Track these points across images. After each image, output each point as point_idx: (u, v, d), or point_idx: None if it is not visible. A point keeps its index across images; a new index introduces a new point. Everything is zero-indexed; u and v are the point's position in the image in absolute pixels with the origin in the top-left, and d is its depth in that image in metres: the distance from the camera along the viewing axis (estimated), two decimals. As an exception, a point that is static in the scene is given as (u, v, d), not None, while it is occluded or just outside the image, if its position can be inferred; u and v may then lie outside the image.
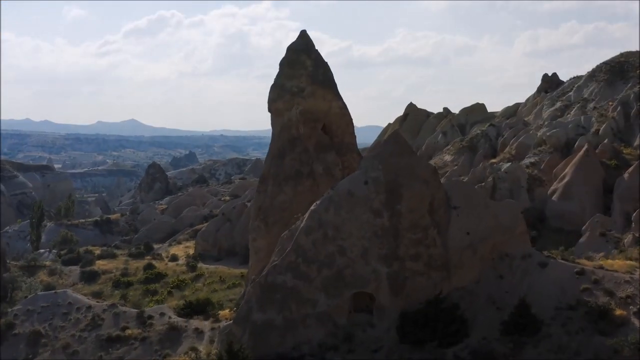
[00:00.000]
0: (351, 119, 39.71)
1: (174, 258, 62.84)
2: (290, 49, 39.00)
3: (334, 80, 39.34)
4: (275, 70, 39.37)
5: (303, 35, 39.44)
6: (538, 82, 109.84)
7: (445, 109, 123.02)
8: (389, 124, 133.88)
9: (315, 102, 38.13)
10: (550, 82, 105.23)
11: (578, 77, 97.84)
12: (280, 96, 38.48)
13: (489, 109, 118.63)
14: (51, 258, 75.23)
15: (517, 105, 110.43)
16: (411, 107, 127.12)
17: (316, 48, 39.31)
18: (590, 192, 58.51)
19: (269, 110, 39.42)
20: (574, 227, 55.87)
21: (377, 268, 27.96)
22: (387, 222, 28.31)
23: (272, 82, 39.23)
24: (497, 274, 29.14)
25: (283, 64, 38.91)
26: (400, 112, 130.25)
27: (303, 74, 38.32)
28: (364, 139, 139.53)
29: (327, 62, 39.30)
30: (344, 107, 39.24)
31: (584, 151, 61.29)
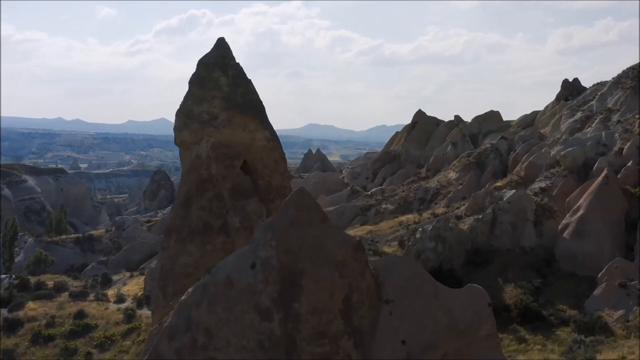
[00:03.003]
0: (282, 155, 30.34)
1: (120, 299, 54.29)
2: (201, 62, 29.80)
3: (259, 103, 30.02)
4: (305, 69, 30.30)
5: (219, 44, 30.16)
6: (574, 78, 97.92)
7: (457, 117, 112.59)
8: (397, 133, 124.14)
9: (232, 132, 28.89)
10: (570, 89, 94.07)
11: (602, 84, 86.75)
12: (187, 125, 29.32)
13: (520, 109, 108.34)
14: (5, 286, 68.48)
15: (535, 113, 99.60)
16: (420, 115, 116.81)
17: (236, 61, 30.00)
18: (609, 229, 48.17)
19: (175, 142, 30.36)
20: (589, 273, 45.84)
21: (262, 398, 18.69)
22: (279, 327, 18.99)
23: (301, 80, 30.25)
24: (446, 403, 19.69)
25: (192, 82, 29.74)
26: (429, 111, 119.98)
27: (216, 95, 29.08)
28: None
29: (250, 80, 30.00)
30: (272, 138, 29.87)
31: (602, 177, 50.92)
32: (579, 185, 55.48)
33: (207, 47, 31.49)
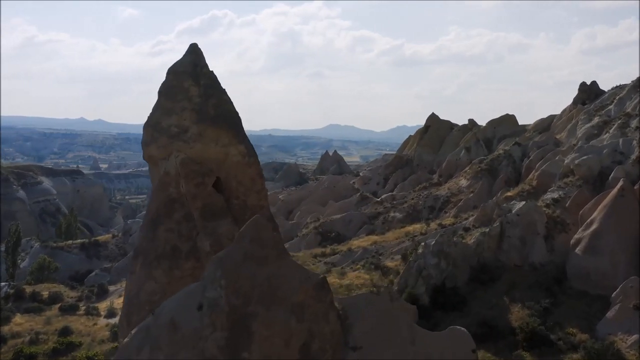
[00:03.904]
0: (259, 171, 27.95)
1: (111, 313, 52.21)
2: (171, 71, 27.53)
3: (235, 115, 27.68)
4: (326, 69, 27.82)
5: (192, 50, 27.88)
6: (593, 80, 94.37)
7: (471, 120, 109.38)
8: (410, 136, 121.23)
9: (203, 147, 26.62)
10: (588, 92, 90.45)
11: (621, 87, 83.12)
12: (155, 139, 27.09)
13: (543, 109, 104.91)
14: (2, 295, 66.97)
15: (552, 117, 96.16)
16: (433, 118, 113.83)
17: (209, 69, 27.65)
18: (624, 245, 44.96)
19: (143, 157, 28.11)
20: (602, 292, 42.75)
21: None
22: (226, 381, 16.57)
23: (322, 81, 27.86)
24: None
25: (161, 92, 27.48)
26: (450, 111, 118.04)
27: (186, 107, 26.82)
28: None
29: (224, 90, 27.66)
30: (248, 153, 27.54)
31: (618, 188, 47.74)
32: (594, 196, 52.34)
33: (229, 47, 29.68)
